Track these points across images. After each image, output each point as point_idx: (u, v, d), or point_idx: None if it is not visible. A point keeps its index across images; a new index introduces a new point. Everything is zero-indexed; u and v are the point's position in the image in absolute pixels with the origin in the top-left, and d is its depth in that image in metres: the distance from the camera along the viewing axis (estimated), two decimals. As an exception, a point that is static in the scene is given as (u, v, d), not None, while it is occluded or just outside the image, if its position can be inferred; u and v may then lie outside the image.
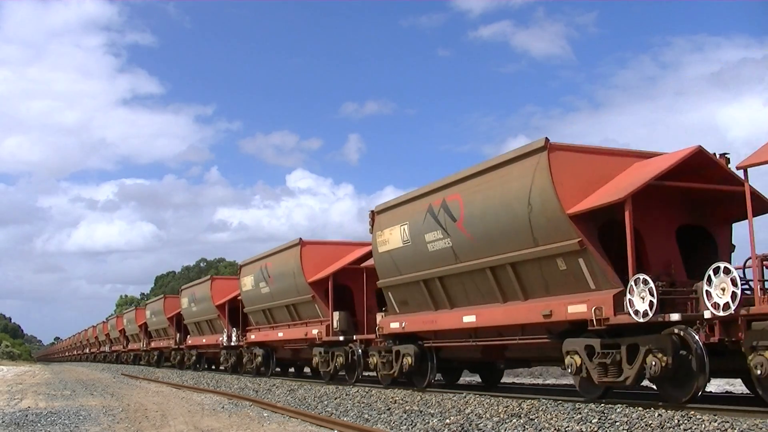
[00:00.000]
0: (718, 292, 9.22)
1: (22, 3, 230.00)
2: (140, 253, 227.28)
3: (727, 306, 9.12)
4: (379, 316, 17.50)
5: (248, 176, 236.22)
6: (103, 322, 65.38)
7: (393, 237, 15.93)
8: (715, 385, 17.50)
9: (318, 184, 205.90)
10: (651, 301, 9.93)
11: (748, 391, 12.01)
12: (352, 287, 19.88)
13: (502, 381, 18.09)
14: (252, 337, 25.96)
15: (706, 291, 9.38)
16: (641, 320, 10.06)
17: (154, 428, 11.56)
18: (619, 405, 10.24)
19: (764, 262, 9.74)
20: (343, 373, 19.65)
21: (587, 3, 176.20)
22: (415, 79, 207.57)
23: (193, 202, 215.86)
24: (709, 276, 9.38)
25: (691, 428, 8.44)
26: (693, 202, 12.18)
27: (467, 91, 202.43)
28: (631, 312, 10.22)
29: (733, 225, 12.49)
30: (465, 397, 13.02)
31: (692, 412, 9.13)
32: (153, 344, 43.82)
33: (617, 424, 9.12)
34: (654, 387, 11.70)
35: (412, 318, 15.79)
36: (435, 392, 14.42)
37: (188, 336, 35.76)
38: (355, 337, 18.99)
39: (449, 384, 17.74)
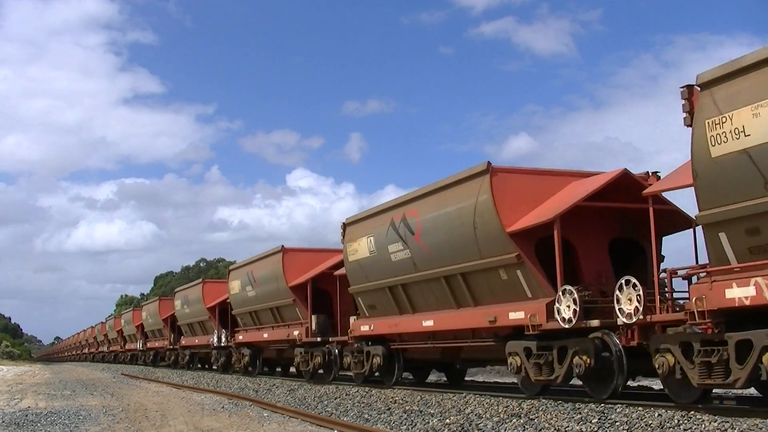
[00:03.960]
0: (626, 302, 10.52)
1: (23, 1, 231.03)
2: (140, 253, 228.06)
3: (630, 315, 10.43)
4: (352, 319, 18.79)
5: (249, 175, 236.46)
6: (102, 322, 66.63)
7: (361, 247, 17.22)
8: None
9: (319, 183, 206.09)
10: (575, 309, 11.25)
11: (748, 392, 12.39)
12: (330, 292, 21.15)
13: (503, 381, 19.20)
14: (240, 337, 27.31)
15: (617, 299, 10.68)
16: (566, 326, 11.38)
17: (154, 428, 11.70)
18: (619, 405, 10.45)
19: (672, 275, 11.03)
20: (322, 372, 21.00)
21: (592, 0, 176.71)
22: (416, 77, 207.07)
23: (193, 202, 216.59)
24: (620, 287, 10.68)
25: (691, 428, 8.56)
26: (625, 218, 13.43)
27: (469, 89, 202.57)
28: (559, 319, 11.53)
29: (664, 238, 13.75)
30: (465, 397, 13.26)
31: (692, 412, 9.27)
32: (149, 344, 45.12)
33: (617, 424, 9.27)
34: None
35: (380, 321, 17.11)
36: (435, 392, 14.68)
37: (182, 337, 37.11)
38: (331, 339, 20.32)
39: (419, 382, 19.02)
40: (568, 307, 11.36)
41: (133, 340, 50.22)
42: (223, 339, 29.69)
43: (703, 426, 8.54)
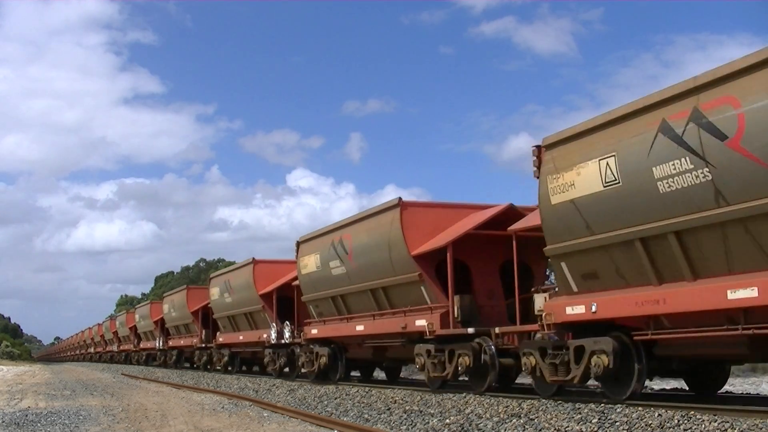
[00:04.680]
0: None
1: (23, 1, 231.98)
2: (140, 253, 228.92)
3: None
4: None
5: (249, 175, 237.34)
6: (99, 324, 69.59)
7: (311, 262, 20.23)
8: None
9: (319, 183, 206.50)
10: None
11: (748, 392, 13.81)
12: (295, 299, 24.16)
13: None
14: (220, 339, 30.42)
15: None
16: (451, 332, 14.41)
17: (154, 428, 11.77)
18: (619, 405, 10.61)
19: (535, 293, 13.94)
20: (287, 370, 24.08)
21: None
22: (416, 77, 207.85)
23: (193, 202, 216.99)
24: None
25: (691, 428, 8.60)
26: (516, 243, 16.36)
27: (469, 89, 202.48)
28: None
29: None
30: (465, 397, 13.55)
31: (692, 412, 9.33)
32: (142, 345, 48.22)
33: (617, 424, 9.33)
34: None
35: (326, 326, 20.13)
36: (435, 392, 15.11)
37: (169, 338, 40.21)
38: (292, 341, 23.35)
39: (365, 379, 22.02)
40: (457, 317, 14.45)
41: (127, 341, 53.14)
42: (204, 340, 32.82)
43: (703, 426, 8.59)
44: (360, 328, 18.07)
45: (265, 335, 24.76)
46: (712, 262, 9.47)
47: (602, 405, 10.80)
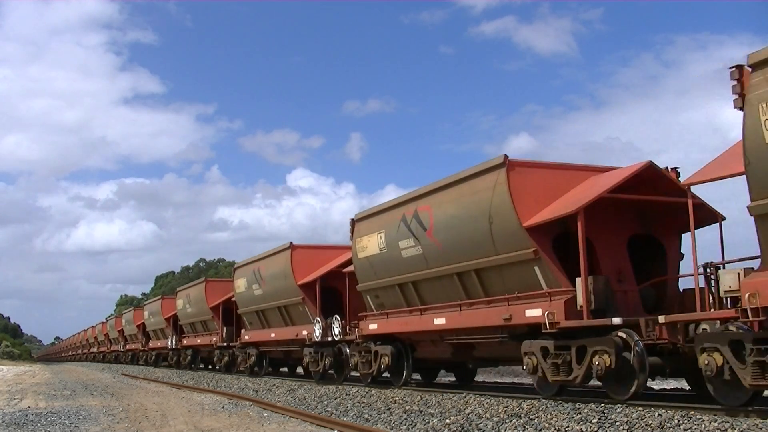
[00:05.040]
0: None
1: (23, 1, 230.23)
2: (140, 253, 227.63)
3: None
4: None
5: (249, 175, 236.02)
6: (102, 322, 66.94)
7: (371, 244, 16.87)
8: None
9: (319, 183, 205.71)
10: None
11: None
12: (341, 289, 20.78)
13: (503, 381, 18.90)
14: (246, 337, 26.97)
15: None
16: (587, 323, 11.02)
17: (154, 428, 11.72)
18: (619, 405, 10.46)
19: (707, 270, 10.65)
20: (332, 372, 20.61)
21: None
22: (417, 76, 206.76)
23: (193, 201, 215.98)
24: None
25: (691, 428, 8.54)
26: (644, 214, 13.09)
27: (469, 89, 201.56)
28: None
29: (683, 235, 13.39)
30: (465, 397, 13.20)
31: (692, 412, 9.25)
32: (151, 344, 45.08)
33: (617, 424, 9.26)
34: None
35: (389, 320, 16.73)
36: (435, 392, 14.63)
37: (184, 336, 36.99)
38: (341, 338, 19.95)
39: (428, 383, 18.65)
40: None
41: (116, 343, 50.89)
42: (174, 342, 30.15)
43: (703, 426, 8.52)
44: (440, 321, 14.69)
45: (305, 332, 21.34)
46: None
47: (602, 405, 10.68)
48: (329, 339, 20.06)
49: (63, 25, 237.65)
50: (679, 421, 8.89)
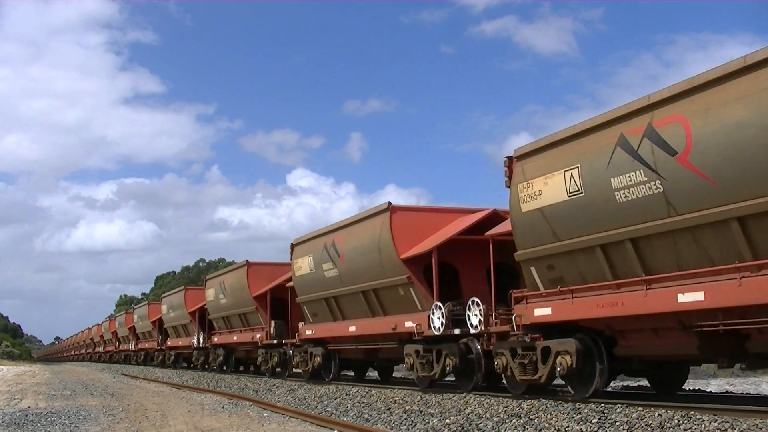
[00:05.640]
0: (474, 317, 13.98)
1: (23, 1, 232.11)
2: (140, 253, 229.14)
3: (477, 326, 13.88)
4: (300, 325, 22.18)
5: (249, 175, 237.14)
6: (98, 324, 69.97)
7: (304, 264, 20.66)
8: (716, 386, 19.54)
9: (319, 183, 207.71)
10: (442, 321, 14.68)
11: (748, 392, 14.01)
12: (287, 300, 24.49)
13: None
14: (215, 339, 31.02)
15: (468, 315, 14.12)
16: (437, 333, 14.82)
17: (154, 428, 11.84)
18: (619, 405, 10.54)
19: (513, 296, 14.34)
20: (279, 370, 24.49)
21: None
22: (417, 76, 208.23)
23: (193, 201, 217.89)
24: (469, 305, 14.10)
25: (691, 428, 8.61)
26: (501, 247, 16.78)
27: (469, 88, 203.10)
28: (432, 327, 14.97)
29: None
30: (465, 397, 13.55)
31: (692, 412, 9.33)
32: (140, 345, 48.89)
33: (617, 424, 9.34)
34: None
35: (319, 327, 20.58)
36: (435, 392, 15.07)
37: (168, 338, 40.86)
38: (285, 341, 23.77)
39: (359, 378, 22.43)
40: (439, 318, 14.81)
41: (109, 344, 53.90)
42: (201, 340, 33.21)
43: (703, 426, 8.60)
44: (352, 329, 18.50)
45: (258, 335, 25.21)
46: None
47: (602, 405, 10.73)
48: (275, 342, 23.90)
49: (63, 24, 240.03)
50: (679, 421, 8.98)
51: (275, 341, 24.07)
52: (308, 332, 21.13)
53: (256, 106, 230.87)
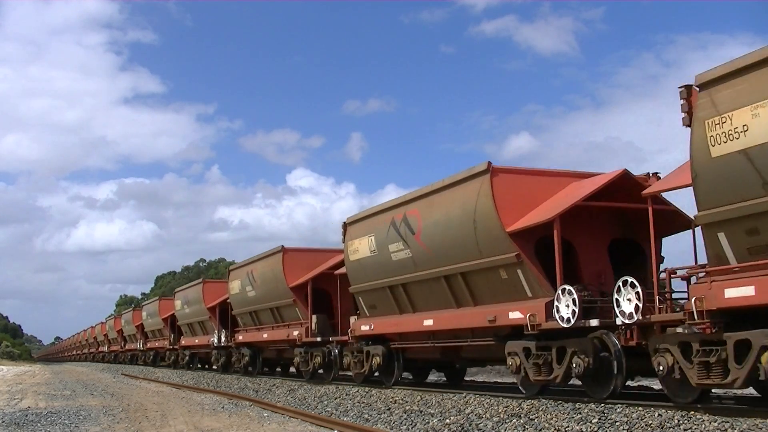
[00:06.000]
0: (625, 302, 10.56)
1: (23, 0, 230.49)
2: (140, 253, 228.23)
3: (630, 315, 10.46)
4: (352, 319, 18.82)
5: (249, 175, 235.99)
6: (102, 322, 67.29)
7: (362, 246, 17.27)
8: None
9: (319, 183, 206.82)
10: (574, 309, 11.29)
11: (747, 391, 12.49)
12: (331, 291, 21.16)
13: (503, 381, 19.24)
14: (240, 337, 27.43)
15: (616, 300, 10.72)
16: (565, 326, 11.43)
17: (154, 428, 11.79)
18: (619, 405, 10.41)
19: (671, 275, 11.08)
20: (322, 372, 21.06)
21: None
22: (417, 76, 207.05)
23: (193, 201, 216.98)
24: (619, 287, 10.71)
25: (691, 428, 8.58)
26: (624, 219, 13.49)
27: (469, 88, 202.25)
28: (558, 318, 11.57)
29: (665, 239, 13.75)
30: (465, 397, 13.22)
31: (692, 412, 9.27)
32: (149, 344, 45.54)
33: (617, 424, 9.29)
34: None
35: (380, 321, 17.16)
36: (435, 392, 14.62)
37: (182, 336, 37.39)
38: (331, 339, 20.37)
39: (419, 382, 19.04)
40: (567, 306, 11.40)
41: (133, 340, 50.57)
42: (223, 339, 29.72)
43: (703, 426, 8.55)
44: (428, 322, 15.12)
45: (296, 332, 21.76)
46: None
47: (602, 405, 10.66)
48: (318, 339, 20.45)
49: (63, 24, 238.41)
50: (679, 421, 8.94)
51: (318, 339, 20.63)
52: (365, 327, 17.72)
53: (256, 106, 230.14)
